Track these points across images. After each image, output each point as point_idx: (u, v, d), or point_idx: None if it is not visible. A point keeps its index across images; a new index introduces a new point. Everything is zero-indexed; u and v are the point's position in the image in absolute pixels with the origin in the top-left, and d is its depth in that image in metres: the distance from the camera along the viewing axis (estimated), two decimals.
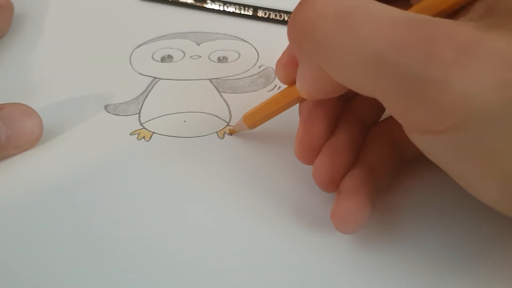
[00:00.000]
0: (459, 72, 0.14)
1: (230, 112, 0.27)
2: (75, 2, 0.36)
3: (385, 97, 0.16)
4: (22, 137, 0.24)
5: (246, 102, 0.27)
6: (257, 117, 0.24)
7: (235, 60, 0.30)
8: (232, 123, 0.26)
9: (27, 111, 0.24)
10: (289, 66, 0.21)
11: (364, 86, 0.17)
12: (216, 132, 0.25)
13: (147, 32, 0.32)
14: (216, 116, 0.26)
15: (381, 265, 0.20)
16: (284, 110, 0.22)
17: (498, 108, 0.14)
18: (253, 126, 0.24)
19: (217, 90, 0.28)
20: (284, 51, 0.22)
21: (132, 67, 0.30)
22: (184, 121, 0.26)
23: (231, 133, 0.25)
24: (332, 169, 0.20)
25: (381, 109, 0.23)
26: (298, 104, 0.22)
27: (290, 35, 0.19)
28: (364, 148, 0.22)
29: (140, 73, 0.29)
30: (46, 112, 0.25)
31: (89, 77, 0.29)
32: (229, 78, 0.29)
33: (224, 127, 0.26)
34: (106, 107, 0.27)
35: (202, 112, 0.27)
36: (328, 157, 0.20)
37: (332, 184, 0.20)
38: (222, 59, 0.30)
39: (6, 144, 0.24)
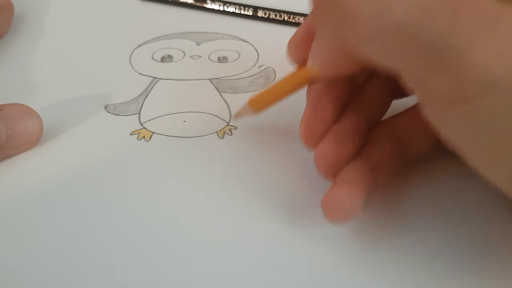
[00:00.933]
0: (482, 43, 0.14)
1: (230, 112, 0.27)
2: (75, 2, 0.36)
3: (406, 67, 0.16)
4: (22, 137, 0.24)
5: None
6: (263, 101, 0.23)
7: (235, 60, 0.30)
8: (232, 123, 0.26)
9: (27, 111, 0.24)
10: (302, 44, 0.21)
11: (385, 56, 0.16)
12: (216, 132, 0.25)
13: (147, 32, 0.33)
14: (216, 116, 0.26)
15: (382, 262, 0.20)
16: (291, 93, 0.22)
17: None
18: (258, 110, 0.23)
19: (217, 90, 0.28)
20: (297, 30, 0.22)
21: (132, 67, 0.30)
22: (184, 121, 0.26)
23: (236, 117, 0.25)
24: (335, 155, 0.20)
25: (385, 107, 0.23)
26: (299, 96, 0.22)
27: (315, 2, 0.18)
28: (368, 143, 0.21)
29: (140, 73, 0.29)
30: (46, 112, 0.25)
31: (89, 77, 0.29)
32: (229, 78, 0.29)
33: (224, 127, 0.26)
34: (106, 107, 0.27)
35: (202, 112, 0.27)
36: (332, 141, 0.20)
37: (332, 170, 0.20)
38: (222, 59, 0.30)
39: (6, 144, 0.24)
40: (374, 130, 0.22)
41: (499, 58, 0.14)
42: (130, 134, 0.25)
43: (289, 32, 0.23)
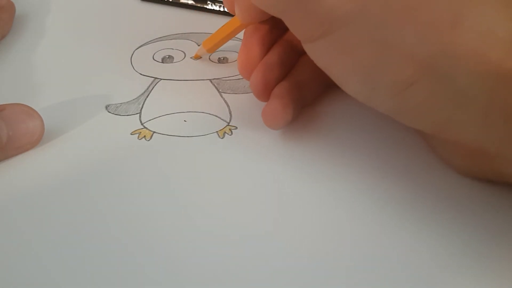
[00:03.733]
0: None
1: (230, 112, 0.27)
2: (76, 3, 0.36)
3: (284, 15, 0.21)
4: (23, 137, 0.24)
5: (246, 102, 0.27)
6: (213, 42, 0.29)
7: (235, 61, 0.30)
8: (233, 123, 0.26)
9: (29, 112, 0.24)
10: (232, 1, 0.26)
11: (271, 8, 0.21)
12: (217, 132, 0.26)
13: (147, 33, 0.33)
14: (217, 116, 0.27)
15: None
16: (234, 35, 0.28)
17: (354, 15, 0.18)
18: (211, 50, 0.30)
19: (218, 90, 0.28)
20: None
21: (133, 68, 0.30)
22: (185, 120, 0.26)
23: (196, 58, 0.31)
24: (264, 80, 0.25)
25: None
26: None
27: None
28: (295, 68, 0.26)
29: (141, 74, 0.30)
30: (47, 113, 0.25)
31: (90, 78, 0.29)
32: (230, 78, 0.29)
33: (224, 127, 0.26)
34: (107, 107, 0.27)
35: (203, 112, 0.27)
36: (261, 70, 0.25)
37: (265, 92, 0.25)
38: (222, 60, 0.31)
39: (7, 145, 0.24)
40: (302, 58, 0.27)
41: None
42: (131, 134, 0.25)
43: None
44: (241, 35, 0.28)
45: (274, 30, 0.26)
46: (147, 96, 0.28)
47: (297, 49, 0.26)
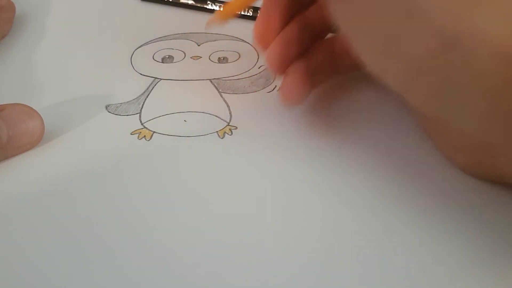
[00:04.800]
0: None
1: (230, 112, 0.27)
2: (76, 3, 0.36)
3: None
4: (24, 137, 0.24)
5: (246, 102, 0.27)
6: (227, 11, 0.27)
7: (235, 61, 0.30)
8: (232, 123, 0.26)
9: (29, 112, 0.24)
10: None
11: None
12: (217, 131, 0.26)
13: (147, 32, 0.33)
14: (217, 116, 0.27)
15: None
16: (247, 4, 0.27)
17: None
18: (224, 18, 0.27)
19: (218, 90, 0.28)
20: None
21: (133, 68, 0.30)
22: (185, 120, 0.26)
23: (207, 27, 0.28)
24: (282, 54, 0.25)
25: (326, 25, 0.26)
26: None
27: None
28: (310, 51, 0.26)
29: (141, 74, 0.30)
30: (48, 113, 0.25)
31: (90, 78, 0.29)
32: (230, 78, 0.29)
33: (225, 127, 0.26)
34: (107, 107, 0.27)
35: (203, 112, 0.27)
36: (280, 43, 0.25)
37: (281, 66, 0.25)
38: (222, 60, 0.31)
39: (7, 145, 0.24)
40: (317, 42, 0.26)
41: None
42: (131, 134, 0.25)
43: None
44: (242, 35, 0.28)
45: (294, 5, 0.26)
46: (147, 96, 0.28)
47: (313, 31, 0.26)
